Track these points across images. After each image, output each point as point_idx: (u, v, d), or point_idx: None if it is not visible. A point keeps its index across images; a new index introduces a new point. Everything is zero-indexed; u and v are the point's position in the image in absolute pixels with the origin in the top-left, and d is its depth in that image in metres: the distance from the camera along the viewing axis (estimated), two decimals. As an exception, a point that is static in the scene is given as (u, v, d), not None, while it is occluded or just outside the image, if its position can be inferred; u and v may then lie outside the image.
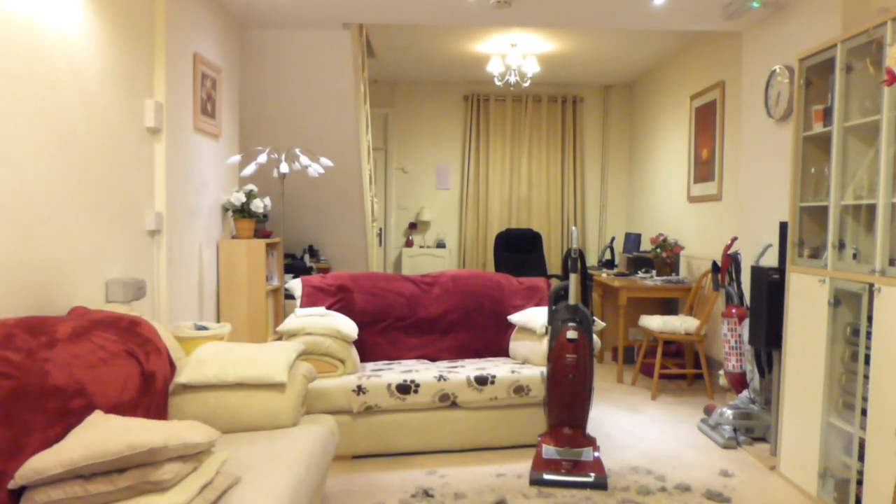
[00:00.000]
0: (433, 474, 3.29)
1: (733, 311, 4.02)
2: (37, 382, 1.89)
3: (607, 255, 6.79)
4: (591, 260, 7.85)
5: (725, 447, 3.71)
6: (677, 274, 5.74)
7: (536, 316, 3.89)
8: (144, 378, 2.37)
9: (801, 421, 3.13)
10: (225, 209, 4.24)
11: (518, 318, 4.01)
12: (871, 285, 2.65)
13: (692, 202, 5.81)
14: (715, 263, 4.55)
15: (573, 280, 3.37)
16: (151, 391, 2.40)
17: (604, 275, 5.89)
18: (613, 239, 6.96)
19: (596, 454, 3.25)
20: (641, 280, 5.51)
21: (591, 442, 3.31)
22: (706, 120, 5.54)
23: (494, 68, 6.01)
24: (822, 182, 3.16)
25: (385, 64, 6.91)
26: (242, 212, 4.19)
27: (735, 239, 4.36)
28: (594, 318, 3.61)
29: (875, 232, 2.65)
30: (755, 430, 3.80)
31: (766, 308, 3.46)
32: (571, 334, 3.29)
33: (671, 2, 4.02)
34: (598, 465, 3.21)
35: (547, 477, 3.16)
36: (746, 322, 3.93)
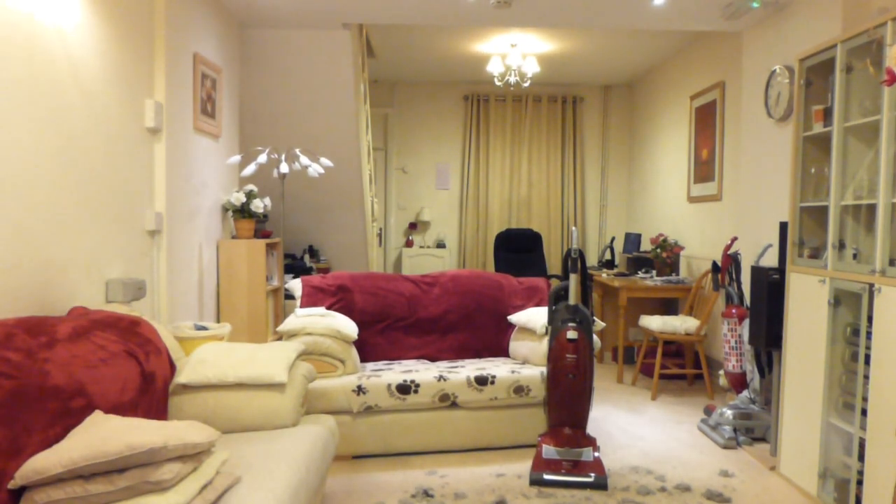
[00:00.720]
0: (433, 474, 3.29)
1: (733, 311, 4.02)
2: (37, 382, 1.89)
3: (607, 256, 6.79)
4: (591, 260, 7.85)
5: (725, 447, 3.71)
6: (677, 274, 5.74)
7: (536, 316, 3.89)
8: (144, 378, 2.37)
9: (801, 421, 3.13)
10: (225, 209, 4.24)
11: (518, 318, 4.01)
12: (871, 285, 2.65)
13: (692, 202, 5.81)
14: (715, 263, 4.55)
15: (573, 280, 3.37)
16: (151, 391, 2.40)
17: (604, 275, 5.89)
18: (613, 239, 6.96)
19: (596, 454, 3.25)
20: (641, 280, 5.51)
21: (591, 442, 3.31)
22: (706, 120, 5.54)
23: (494, 68, 6.01)
24: (822, 182, 3.16)
25: (385, 64, 6.91)
26: (242, 212, 4.19)
27: (735, 239, 4.36)
28: (594, 318, 3.61)
29: (875, 232, 2.65)
30: (755, 430, 3.80)
31: (766, 308, 3.46)
32: (571, 334, 3.29)
33: (671, 2, 4.02)
34: (598, 465, 3.21)
35: (547, 477, 3.16)
36: (746, 322, 3.92)
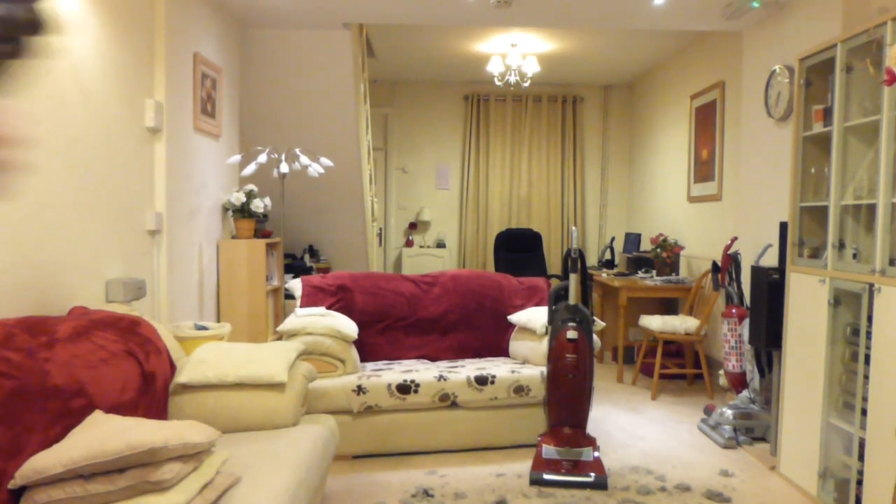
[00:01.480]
0: (433, 474, 3.29)
1: (733, 311, 4.02)
2: (37, 382, 1.89)
3: (607, 255, 6.79)
4: (591, 260, 7.85)
5: (725, 447, 3.71)
6: (677, 274, 5.74)
7: (536, 316, 3.89)
8: (144, 378, 2.37)
9: (801, 421, 3.13)
10: (225, 209, 4.24)
11: (518, 318, 4.01)
12: (871, 285, 2.65)
13: (692, 202, 5.81)
14: (715, 263, 4.55)
15: (573, 280, 3.37)
16: (151, 391, 2.40)
17: (604, 275, 5.89)
18: (613, 239, 6.96)
19: (596, 454, 3.25)
20: (641, 280, 5.51)
21: (591, 442, 3.31)
22: (706, 120, 5.54)
23: (494, 68, 6.01)
24: (822, 182, 3.16)
25: (385, 64, 6.91)
26: (242, 212, 4.19)
27: (735, 239, 4.36)
28: (594, 318, 3.61)
29: (875, 232, 2.65)
30: (755, 430, 3.80)
31: (766, 308, 3.46)
32: (571, 334, 3.29)
33: (671, 2, 4.02)
34: (598, 464, 3.21)
35: (547, 477, 3.16)
36: (746, 322, 3.93)
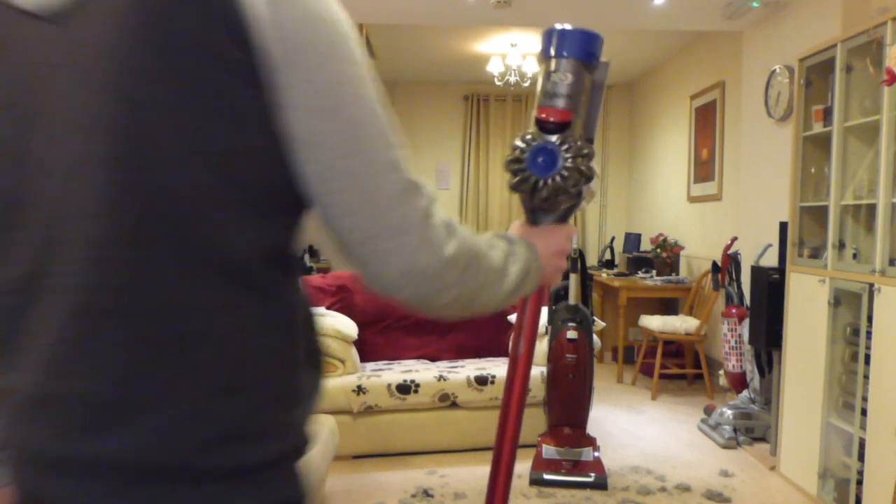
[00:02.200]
0: (433, 474, 3.29)
1: (733, 311, 4.02)
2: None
3: (607, 255, 6.79)
4: (591, 260, 7.84)
5: (725, 447, 3.71)
6: (677, 274, 5.74)
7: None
8: (144, 378, 2.37)
9: (801, 421, 3.13)
10: (225, 209, 4.23)
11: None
12: (871, 285, 2.65)
13: (692, 202, 5.80)
14: (715, 263, 4.55)
15: (573, 280, 3.37)
16: (151, 391, 2.40)
17: (604, 275, 5.90)
18: (613, 239, 6.96)
19: (596, 454, 3.25)
20: (641, 280, 5.51)
21: (591, 442, 3.31)
22: (706, 120, 5.54)
23: (494, 68, 6.01)
24: (822, 182, 3.16)
25: (385, 64, 6.91)
26: (242, 212, 4.18)
27: (735, 239, 4.36)
28: (594, 318, 3.61)
29: (875, 232, 2.65)
30: (755, 430, 3.80)
31: (766, 308, 3.46)
32: (571, 334, 3.29)
33: (671, 2, 4.02)
34: (598, 464, 3.21)
35: (547, 477, 3.16)
36: (746, 322, 3.92)
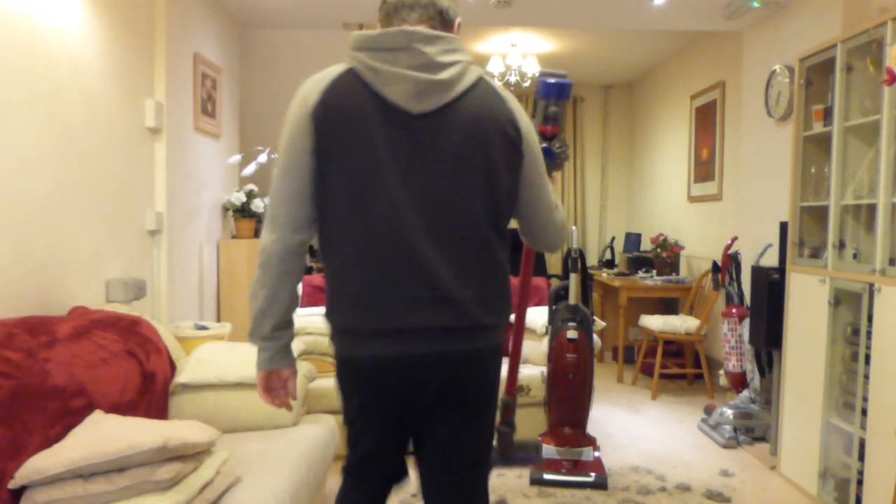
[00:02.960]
0: (433, 474, 3.29)
1: (733, 310, 4.02)
2: (37, 382, 1.89)
3: (607, 255, 6.79)
4: (592, 260, 7.85)
5: (726, 447, 3.71)
6: (677, 274, 5.74)
7: (536, 316, 3.88)
8: (144, 378, 2.37)
9: (801, 421, 3.13)
10: (225, 209, 4.24)
11: (518, 317, 4.00)
12: (872, 285, 2.65)
13: (692, 202, 5.80)
14: (715, 263, 4.55)
15: (573, 280, 3.37)
16: (151, 391, 2.40)
17: (604, 275, 5.90)
18: (613, 239, 6.96)
19: (596, 454, 3.25)
20: (641, 280, 5.51)
21: (591, 442, 3.31)
22: (706, 120, 5.54)
23: (494, 68, 6.00)
24: (822, 182, 3.16)
25: (385, 64, 6.90)
26: (243, 212, 4.19)
27: (735, 239, 4.36)
28: (594, 317, 3.61)
29: (875, 232, 2.65)
30: (755, 429, 3.80)
31: (767, 308, 3.46)
32: (571, 334, 3.29)
33: (671, 2, 4.02)
34: (598, 464, 3.21)
35: (547, 477, 3.16)
36: (746, 322, 3.92)
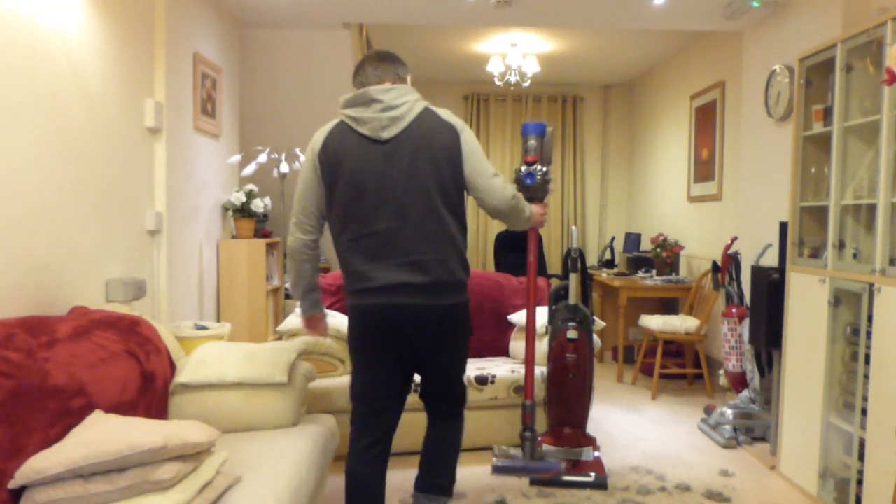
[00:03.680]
0: (433, 474, 3.29)
1: (733, 310, 4.02)
2: (37, 382, 1.89)
3: (607, 255, 6.79)
4: (591, 260, 7.85)
5: (725, 447, 3.71)
6: (677, 274, 5.74)
7: (536, 316, 3.88)
8: (144, 378, 2.37)
9: (801, 421, 3.13)
10: (225, 209, 4.24)
11: (518, 317, 4.01)
12: (871, 285, 2.65)
13: (692, 202, 5.81)
14: (715, 263, 4.55)
15: (573, 280, 3.37)
16: (151, 391, 2.40)
17: (604, 274, 5.90)
18: (613, 239, 6.96)
19: (596, 454, 3.25)
20: (641, 280, 5.51)
21: (591, 441, 3.31)
22: (706, 120, 5.54)
23: (494, 68, 6.01)
24: (822, 182, 3.16)
25: (385, 64, 6.90)
26: (242, 211, 4.19)
27: (735, 239, 4.36)
28: (594, 317, 3.61)
29: (875, 232, 2.66)
30: (755, 429, 3.80)
31: (766, 308, 3.46)
32: (571, 334, 3.30)
33: (671, 2, 4.02)
34: (598, 464, 3.21)
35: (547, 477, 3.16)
36: (746, 322, 3.93)
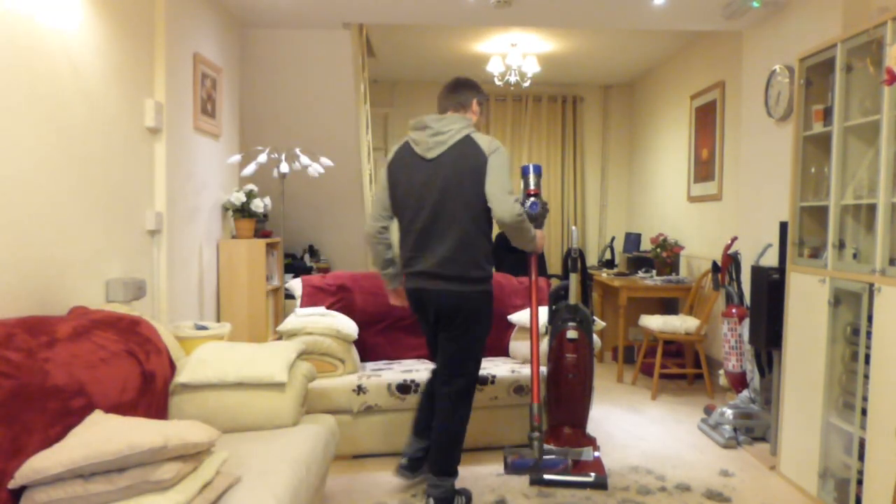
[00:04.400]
0: (433, 474, 3.29)
1: (733, 310, 4.02)
2: (37, 382, 1.89)
3: (607, 255, 6.79)
4: (591, 260, 7.85)
5: (725, 447, 3.71)
6: (677, 274, 5.74)
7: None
8: (144, 378, 2.37)
9: (801, 421, 3.13)
10: (225, 209, 4.24)
11: (518, 317, 4.01)
12: (871, 285, 2.65)
13: (692, 202, 5.81)
14: (715, 263, 4.55)
15: (573, 280, 3.37)
16: (151, 391, 2.40)
17: (604, 274, 5.89)
18: (613, 239, 6.96)
19: (596, 454, 3.25)
20: (641, 280, 5.51)
21: (591, 441, 3.31)
22: (706, 120, 5.54)
23: (494, 68, 6.00)
24: (822, 182, 3.16)
25: (385, 64, 6.91)
26: (242, 212, 4.19)
27: (735, 239, 4.36)
28: (594, 317, 3.61)
29: (875, 232, 2.65)
30: (755, 429, 3.80)
31: (766, 308, 3.46)
32: (571, 334, 3.29)
33: (671, 2, 4.02)
34: (598, 464, 3.21)
35: (547, 477, 3.16)
36: (746, 322, 3.93)
